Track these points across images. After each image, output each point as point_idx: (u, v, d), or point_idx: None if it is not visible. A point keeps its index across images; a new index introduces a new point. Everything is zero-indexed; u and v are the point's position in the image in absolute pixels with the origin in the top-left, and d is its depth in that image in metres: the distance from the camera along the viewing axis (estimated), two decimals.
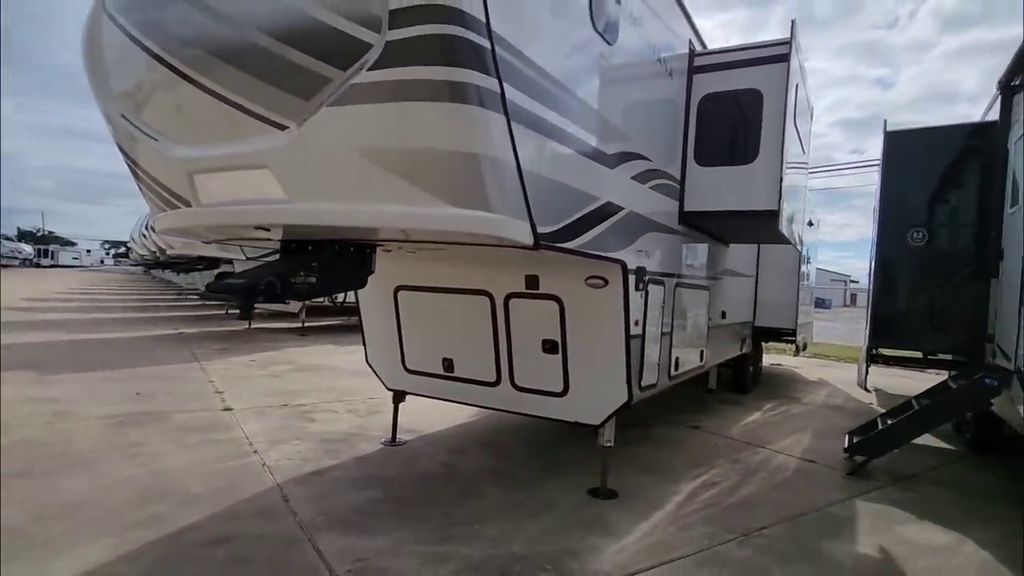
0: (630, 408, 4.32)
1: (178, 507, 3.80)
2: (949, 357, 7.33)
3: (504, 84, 2.47)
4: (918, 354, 7.81)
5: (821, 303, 54.05)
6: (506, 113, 2.50)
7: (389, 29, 2.28)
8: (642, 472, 4.97)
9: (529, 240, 2.75)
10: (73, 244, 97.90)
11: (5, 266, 53.96)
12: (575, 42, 3.15)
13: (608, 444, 4.32)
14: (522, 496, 4.33)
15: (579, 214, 3.26)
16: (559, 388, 4.38)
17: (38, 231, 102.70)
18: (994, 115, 5.82)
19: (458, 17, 2.26)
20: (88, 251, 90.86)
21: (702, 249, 5.86)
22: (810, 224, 9.99)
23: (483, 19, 2.33)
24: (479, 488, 4.46)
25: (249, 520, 3.69)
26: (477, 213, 2.53)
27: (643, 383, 4.46)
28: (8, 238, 72.55)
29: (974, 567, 3.64)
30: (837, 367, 13.11)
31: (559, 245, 3.08)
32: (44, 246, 79.93)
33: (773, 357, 13.36)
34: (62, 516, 3.58)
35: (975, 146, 6.11)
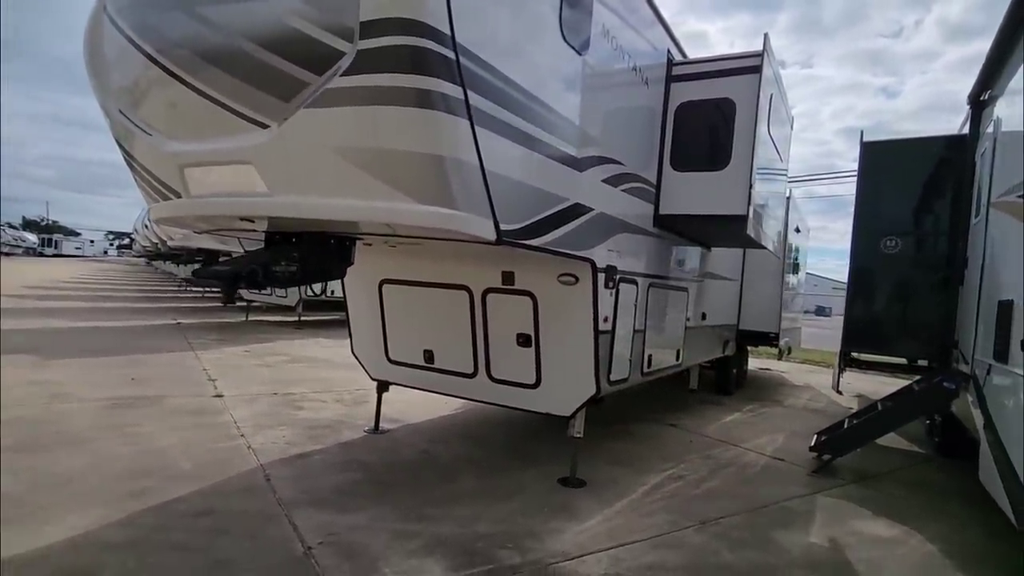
0: (599, 401, 4.53)
1: (166, 482, 4.01)
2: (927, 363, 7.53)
3: (468, 91, 2.68)
4: (900, 360, 8.01)
5: (821, 311, 54.09)
6: (470, 118, 2.71)
7: (360, 39, 2.49)
8: (614, 464, 5.17)
9: (491, 236, 2.95)
10: (77, 234, 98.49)
11: (8, 254, 54.34)
12: (542, 53, 3.36)
13: (578, 435, 4.51)
14: (495, 482, 4.53)
15: (545, 214, 3.47)
16: (532, 380, 4.58)
17: (42, 220, 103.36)
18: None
19: (424, 29, 2.47)
20: (92, 241, 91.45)
21: (679, 251, 6.05)
22: (797, 230, 10.18)
23: (448, 32, 2.54)
24: (455, 474, 4.67)
25: (232, 496, 3.90)
26: (441, 210, 2.74)
27: (612, 377, 4.66)
28: (12, 226, 73.08)
29: (916, 557, 3.83)
30: (826, 373, 13.26)
31: (523, 242, 3.28)
32: (48, 235, 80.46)
33: (762, 361, 13.54)
34: (56, 487, 3.80)
35: (948, 158, 6.31)
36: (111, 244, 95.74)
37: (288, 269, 3.31)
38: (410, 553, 3.29)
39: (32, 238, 72.65)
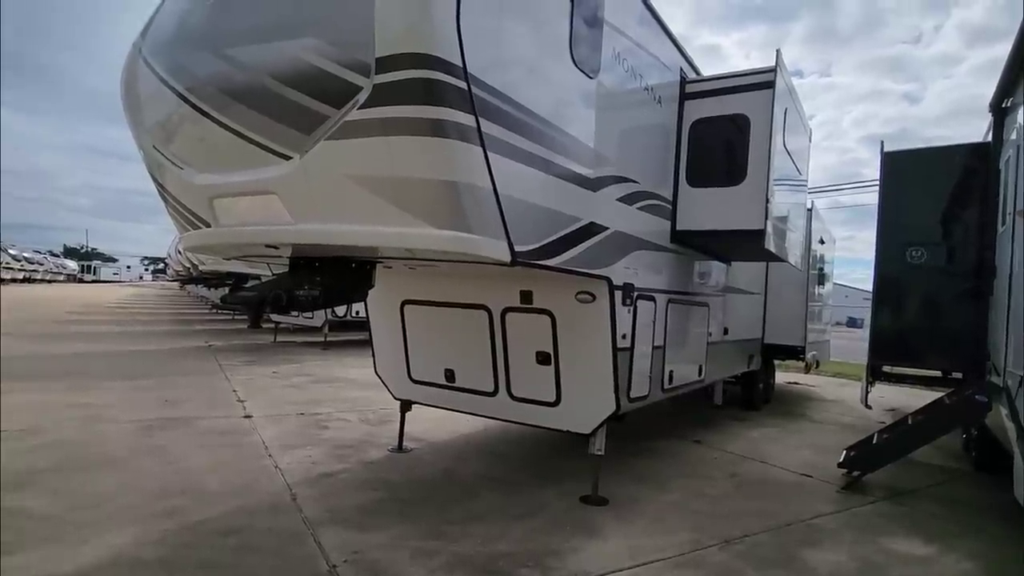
0: (620, 418, 4.53)
1: (196, 502, 4.13)
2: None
3: (480, 119, 2.77)
4: (933, 372, 7.80)
5: (853, 322, 52.83)
6: (483, 145, 2.80)
7: (376, 74, 2.62)
8: (636, 481, 5.14)
9: (506, 257, 3.03)
10: (115, 260, 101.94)
11: (50, 281, 56.40)
12: (552, 78, 3.45)
13: (599, 452, 4.51)
14: (516, 500, 4.55)
15: (559, 234, 3.53)
16: (552, 398, 4.61)
17: (82, 248, 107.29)
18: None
19: (436, 63, 2.58)
20: (128, 267, 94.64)
21: (698, 266, 6.04)
22: (821, 242, 10.05)
23: (460, 63, 2.65)
24: (476, 492, 4.70)
25: (259, 515, 4.00)
26: (457, 234, 2.83)
27: (632, 394, 4.66)
28: (54, 254, 75.95)
29: None
30: (857, 387, 12.91)
31: (538, 262, 3.35)
32: (87, 262, 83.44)
33: (790, 375, 13.28)
34: (93, 507, 3.95)
35: (972, 166, 6.21)
36: (146, 269, 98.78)
37: (311, 293, 3.44)
38: (432, 571, 3.33)
39: (72, 265, 75.40)
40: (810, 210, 8.76)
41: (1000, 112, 5.47)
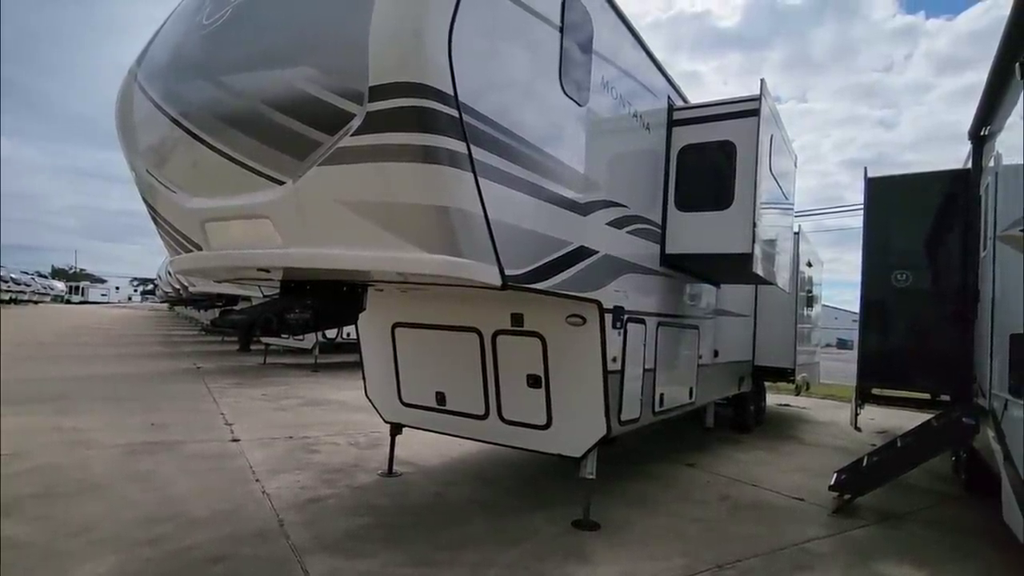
0: (611, 441, 4.52)
1: (181, 528, 4.06)
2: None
3: (471, 146, 2.82)
4: (923, 395, 7.85)
5: (843, 343, 53.10)
6: (473, 171, 2.84)
7: (369, 102, 2.67)
8: (629, 505, 5.11)
9: (497, 281, 3.05)
10: (103, 281, 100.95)
11: (36, 302, 55.75)
12: (542, 106, 3.52)
13: (590, 476, 4.49)
14: (506, 525, 4.50)
15: (550, 258, 3.56)
16: (543, 421, 4.60)
17: (71, 269, 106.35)
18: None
19: (429, 92, 2.63)
20: (117, 288, 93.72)
21: (688, 289, 6.10)
22: (809, 264, 10.17)
23: (451, 92, 2.70)
24: (467, 517, 4.65)
25: (246, 542, 3.93)
26: (448, 258, 2.85)
27: (623, 417, 4.66)
28: (42, 275, 75.19)
29: None
30: (849, 409, 12.97)
31: (529, 286, 3.37)
32: (76, 283, 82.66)
33: (781, 398, 13.31)
34: (76, 534, 3.87)
35: (953, 193, 6.35)
36: (135, 290, 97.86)
37: (302, 316, 3.43)
38: None
39: (60, 286, 74.60)
40: (797, 233, 8.89)
41: (979, 140, 5.62)
